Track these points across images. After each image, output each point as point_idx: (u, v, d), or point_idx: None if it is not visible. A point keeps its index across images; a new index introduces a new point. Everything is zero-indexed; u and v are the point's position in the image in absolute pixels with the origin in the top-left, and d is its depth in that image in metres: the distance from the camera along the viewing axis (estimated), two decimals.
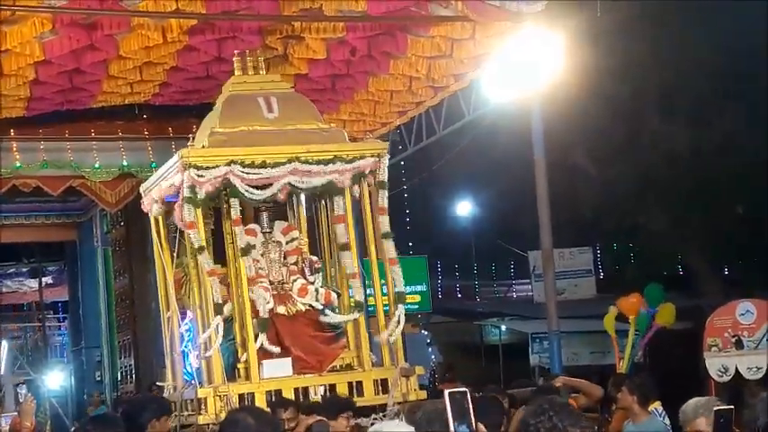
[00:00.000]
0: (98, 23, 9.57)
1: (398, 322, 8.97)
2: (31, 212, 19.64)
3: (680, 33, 18.49)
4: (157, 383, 15.74)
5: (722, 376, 10.29)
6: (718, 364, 10.25)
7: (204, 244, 8.75)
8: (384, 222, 9.07)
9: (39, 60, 9.90)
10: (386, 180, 9.04)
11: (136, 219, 17.49)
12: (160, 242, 9.60)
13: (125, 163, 14.28)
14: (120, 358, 18.82)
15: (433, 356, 21.82)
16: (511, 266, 28.97)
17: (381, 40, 10.73)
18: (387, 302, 9.15)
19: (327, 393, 8.57)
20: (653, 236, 21.17)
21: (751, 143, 19.33)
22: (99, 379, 20.04)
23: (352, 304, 9.17)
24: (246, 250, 8.70)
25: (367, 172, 8.94)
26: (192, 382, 9.32)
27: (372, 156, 8.96)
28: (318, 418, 6.92)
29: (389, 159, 9.15)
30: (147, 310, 17.60)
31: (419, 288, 21.57)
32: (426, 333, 22.99)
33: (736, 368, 10.12)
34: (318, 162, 8.78)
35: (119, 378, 18.76)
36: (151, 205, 9.63)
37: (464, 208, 28.09)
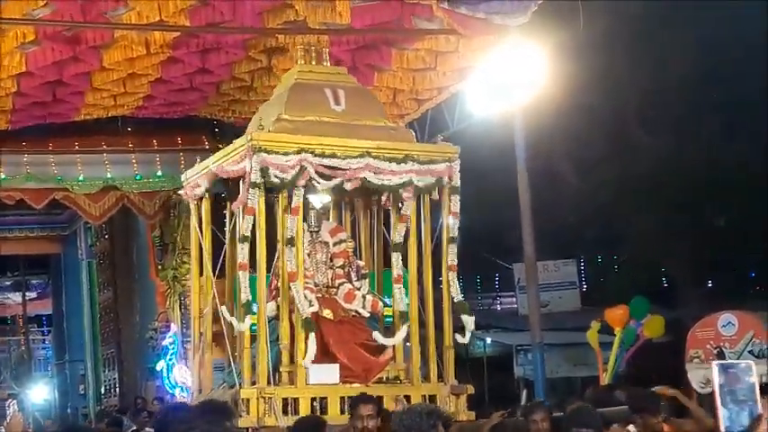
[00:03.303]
0: (81, 35, 9.56)
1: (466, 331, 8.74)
2: (15, 225, 19.60)
3: (660, 46, 18.62)
4: (142, 396, 15.80)
5: (704, 387, 10.29)
6: (700, 375, 10.26)
7: (249, 235, 8.30)
8: (454, 227, 8.96)
9: (21, 72, 9.88)
10: (458, 186, 8.95)
11: (120, 232, 17.51)
12: (201, 230, 9.21)
13: (109, 176, 14.27)
14: (104, 371, 18.76)
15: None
16: (496, 279, 29.00)
17: (366, 52, 10.76)
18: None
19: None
20: (637, 248, 21.25)
21: (733, 155, 19.45)
22: (83, 392, 19.97)
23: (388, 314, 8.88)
24: (291, 241, 8.38)
25: (444, 178, 8.84)
26: (183, 395, 9.13)
27: (443, 160, 8.90)
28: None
29: None
30: (131, 323, 17.59)
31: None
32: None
33: None
34: (390, 159, 8.67)
35: (102, 391, 18.69)
36: (195, 192, 9.27)
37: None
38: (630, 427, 6.27)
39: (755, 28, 18.21)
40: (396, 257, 8.82)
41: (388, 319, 9.29)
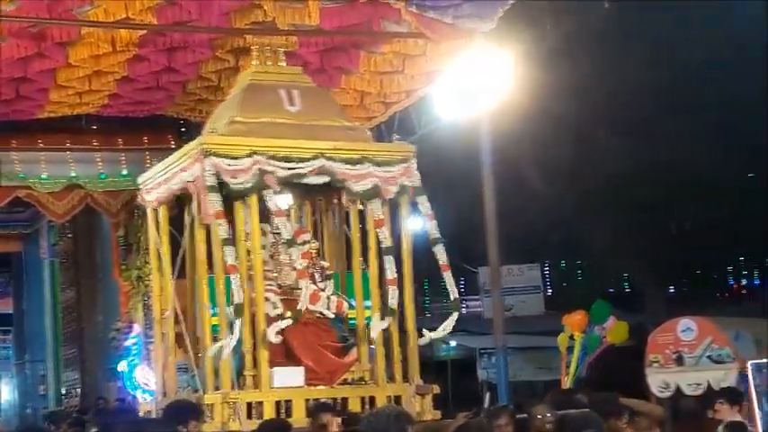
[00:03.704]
0: (47, 31, 9.48)
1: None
2: None
3: (626, 53, 18.77)
4: (104, 397, 15.67)
5: (663, 392, 10.40)
6: (659, 380, 10.36)
7: (227, 237, 8.16)
8: (433, 228, 8.89)
9: None
10: (421, 185, 8.85)
11: (84, 231, 17.37)
12: (159, 236, 9.19)
13: (73, 174, 14.16)
14: (66, 372, 18.59)
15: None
16: (462, 283, 29.12)
17: (334, 54, 10.76)
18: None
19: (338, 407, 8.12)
20: (600, 253, 21.41)
21: (697, 159, 19.64)
22: (43, 393, 19.76)
23: (368, 317, 8.80)
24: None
25: (405, 180, 8.77)
26: (145, 396, 9.06)
27: (400, 160, 8.81)
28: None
29: None
30: (94, 323, 17.45)
31: (371, 303, 21.52)
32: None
33: (677, 385, 10.23)
34: (346, 161, 8.60)
35: (63, 392, 18.52)
36: (151, 198, 9.23)
37: (414, 224, 28.12)
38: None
39: (720, 30, 18.44)
40: (388, 260, 8.72)
41: (352, 321, 9.30)
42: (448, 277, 8.88)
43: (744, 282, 28.92)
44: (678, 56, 19.09)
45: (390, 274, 8.65)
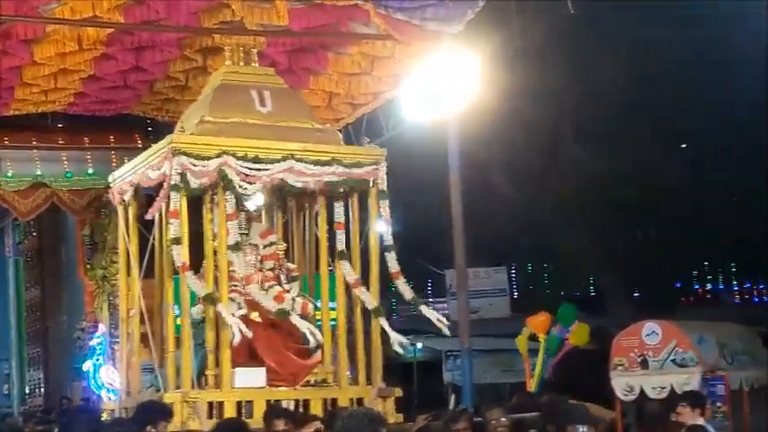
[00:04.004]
0: (12, 29, 9.39)
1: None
2: None
3: (596, 54, 18.87)
4: (68, 396, 15.56)
5: (628, 395, 10.43)
6: (623, 383, 10.38)
7: (181, 236, 8.18)
8: (388, 234, 8.89)
9: None
10: (386, 189, 8.86)
11: (49, 229, 17.24)
12: (128, 233, 9.15)
13: (39, 172, 14.05)
14: (30, 371, 18.45)
15: (348, 373, 21.78)
16: (429, 285, 29.15)
17: (302, 55, 10.74)
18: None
19: (300, 408, 8.16)
20: (566, 257, 21.52)
21: (666, 165, 19.79)
22: (6, 392, 19.60)
23: (333, 319, 8.81)
24: (236, 247, 8.27)
25: (370, 180, 8.76)
26: (110, 396, 9.04)
27: (370, 163, 8.79)
28: (316, 425, 6.51)
29: None
30: (58, 322, 17.33)
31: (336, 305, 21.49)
32: None
33: (642, 388, 10.28)
34: (315, 162, 8.56)
35: (27, 391, 18.37)
36: (121, 194, 9.20)
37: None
38: None
39: (693, 31, 18.60)
40: (346, 264, 8.75)
41: (318, 322, 9.30)
42: (400, 284, 8.88)
43: (708, 286, 29.21)
44: (649, 57, 19.21)
45: (349, 277, 8.71)
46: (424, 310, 8.88)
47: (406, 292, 8.88)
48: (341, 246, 8.80)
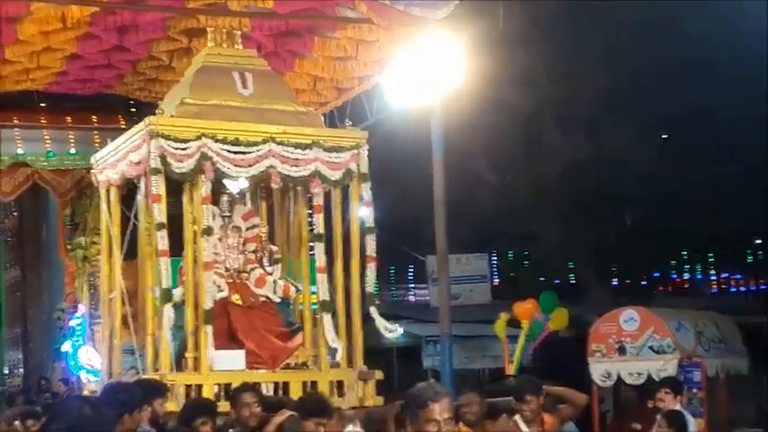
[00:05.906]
0: None
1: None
2: None
3: (578, 44, 18.91)
4: (47, 377, 15.52)
5: (605, 381, 10.52)
6: (601, 369, 10.46)
7: (165, 221, 8.14)
8: (369, 217, 8.89)
9: None
10: (367, 173, 8.85)
11: (30, 209, 17.16)
12: (110, 216, 9.10)
13: (20, 152, 13.97)
14: (9, 351, 18.38)
15: (328, 357, 21.81)
16: (410, 271, 29.21)
17: (288, 38, 10.74)
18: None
19: (280, 391, 8.17)
20: (547, 245, 21.60)
21: (644, 155, 19.87)
22: None
23: (314, 302, 8.84)
24: (208, 231, 8.26)
25: (352, 164, 8.74)
26: (89, 377, 9.02)
27: (351, 147, 8.78)
28: (290, 413, 6.37)
29: None
30: (38, 302, 17.26)
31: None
32: None
33: (619, 374, 10.36)
34: (296, 145, 8.52)
35: (6, 372, 18.32)
36: (103, 177, 9.15)
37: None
38: (517, 417, 6.45)
39: (674, 28, 18.67)
40: (318, 248, 8.78)
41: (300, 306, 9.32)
42: (371, 270, 8.90)
43: (686, 276, 29.41)
44: (634, 46, 19.27)
45: (319, 261, 8.70)
46: (373, 312, 8.91)
47: (371, 282, 8.87)
48: (317, 229, 8.80)
